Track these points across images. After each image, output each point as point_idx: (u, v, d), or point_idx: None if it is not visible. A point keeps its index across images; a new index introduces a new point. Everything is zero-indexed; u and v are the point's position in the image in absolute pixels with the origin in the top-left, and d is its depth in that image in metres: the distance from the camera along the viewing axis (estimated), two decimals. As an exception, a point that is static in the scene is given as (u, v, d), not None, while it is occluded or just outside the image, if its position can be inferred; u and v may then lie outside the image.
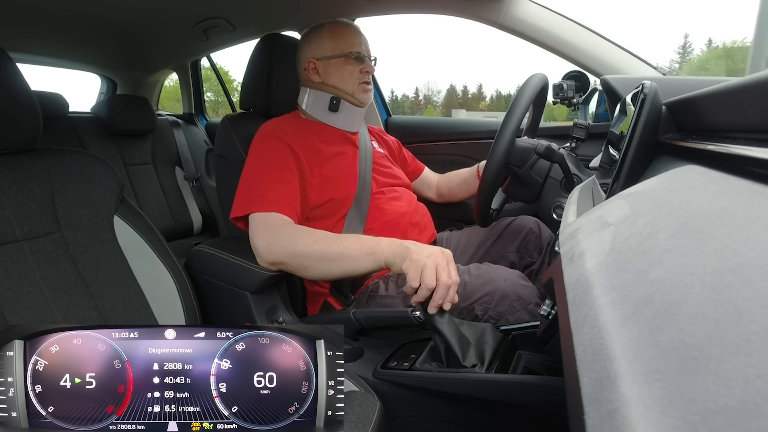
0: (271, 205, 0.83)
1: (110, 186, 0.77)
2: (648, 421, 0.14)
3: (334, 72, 0.98)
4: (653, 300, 0.19)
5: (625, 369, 0.17)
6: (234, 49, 1.73)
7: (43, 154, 0.73)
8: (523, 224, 1.04)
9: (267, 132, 0.93)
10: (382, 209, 0.97)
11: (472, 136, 1.47)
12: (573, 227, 0.38)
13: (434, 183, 1.28)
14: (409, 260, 0.67)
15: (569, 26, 1.13)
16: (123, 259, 0.75)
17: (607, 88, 1.04)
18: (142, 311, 0.74)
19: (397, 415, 0.73)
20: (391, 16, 1.32)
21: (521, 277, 0.84)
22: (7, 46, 0.70)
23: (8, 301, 0.63)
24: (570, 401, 0.20)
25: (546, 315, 0.54)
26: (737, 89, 0.33)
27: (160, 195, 1.91)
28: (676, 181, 0.32)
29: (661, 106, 0.49)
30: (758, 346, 0.13)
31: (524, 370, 0.65)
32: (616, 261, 0.25)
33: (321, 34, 0.99)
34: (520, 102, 0.83)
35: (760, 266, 0.16)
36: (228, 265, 0.85)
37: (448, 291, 0.66)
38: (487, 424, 0.69)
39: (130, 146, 1.87)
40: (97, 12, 1.30)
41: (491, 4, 1.13)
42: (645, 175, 0.47)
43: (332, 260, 0.74)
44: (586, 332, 0.21)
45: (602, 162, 0.67)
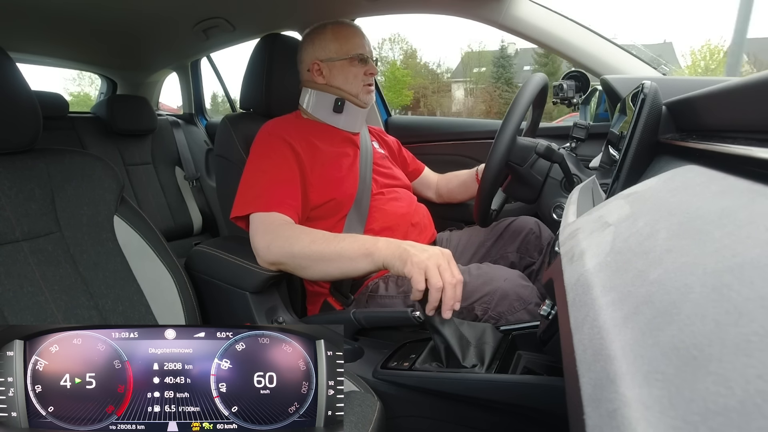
0: (272, 205, 0.83)
1: (110, 186, 0.77)
2: (648, 421, 0.14)
3: (339, 74, 0.98)
4: (653, 300, 0.19)
5: (625, 369, 0.17)
6: (234, 49, 1.73)
7: (43, 154, 0.73)
8: (523, 224, 1.04)
9: (268, 132, 0.93)
10: (382, 210, 0.97)
11: (472, 136, 1.47)
12: (573, 227, 0.38)
13: (434, 183, 1.28)
14: (411, 263, 0.66)
15: (569, 26, 1.13)
16: (123, 259, 0.75)
17: (607, 88, 1.04)
18: (142, 311, 0.74)
19: (397, 415, 0.73)
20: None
21: (521, 277, 0.84)
22: (7, 46, 0.70)
23: (8, 301, 0.63)
24: (570, 401, 0.20)
25: (546, 315, 0.54)
26: (737, 89, 0.33)
27: (160, 195, 1.91)
28: (676, 181, 0.32)
29: (661, 106, 0.49)
30: (758, 346, 0.13)
31: (524, 370, 0.65)
32: (616, 261, 0.25)
33: (324, 35, 0.99)
34: (520, 102, 0.83)
35: (760, 266, 0.16)
36: (228, 265, 0.85)
37: (455, 291, 0.65)
38: (487, 424, 0.69)
39: (130, 146, 1.87)
40: (97, 12, 1.30)
41: (491, 4, 1.13)
42: (645, 175, 0.47)
43: (330, 261, 0.74)
44: (586, 332, 0.21)
45: (602, 162, 0.67)
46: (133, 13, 1.33)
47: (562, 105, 1.12)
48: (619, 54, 1.12)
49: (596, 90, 1.11)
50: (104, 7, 1.26)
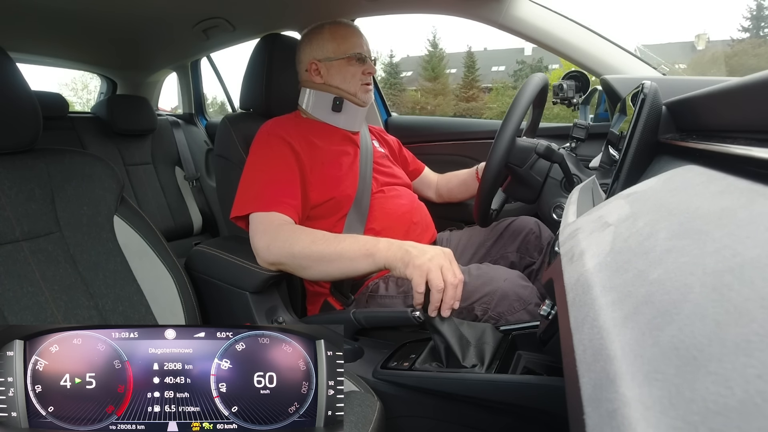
0: (272, 205, 0.83)
1: (110, 186, 0.77)
2: (648, 421, 0.14)
3: (336, 73, 0.98)
4: (653, 300, 0.19)
5: (625, 369, 0.17)
6: (234, 49, 1.73)
7: (43, 154, 0.73)
8: (523, 224, 1.04)
9: (268, 131, 0.93)
10: (383, 208, 0.97)
11: (472, 136, 1.47)
12: (573, 227, 0.38)
13: (434, 183, 1.28)
14: (413, 266, 0.67)
15: (569, 26, 1.13)
16: (123, 259, 0.75)
17: (607, 88, 1.04)
18: (142, 311, 0.74)
19: (397, 415, 0.73)
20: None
21: (521, 278, 0.84)
22: (7, 46, 0.70)
23: (8, 301, 0.63)
24: (570, 401, 0.20)
25: (546, 315, 0.54)
26: (737, 89, 0.33)
27: (160, 195, 1.91)
28: (676, 181, 0.32)
29: (661, 106, 0.49)
30: (758, 346, 0.13)
31: (524, 370, 0.65)
32: (616, 261, 0.25)
33: (322, 35, 0.99)
34: (520, 102, 0.83)
35: (760, 266, 0.16)
36: (228, 265, 0.85)
37: (456, 291, 0.66)
38: (487, 424, 0.69)
39: (130, 146, 1.87)
40: (97, 12, 1.30)
41: (491, 4, 1.13)
42: (645, 175, 0.47)
43: (330, 261, 0.74)
44: (586, 332, 0.21)
45: (602, 162, 0.67)
46: (133, 13, 1.33)
47: (562, 105, 1.12)
48: (619, 54, 1.12)
49: (596, 90, 1.11)
50: (104, 7, 1.26)
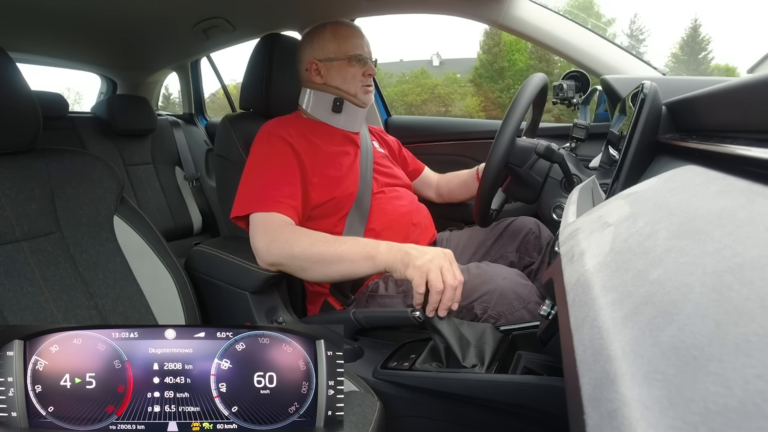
0: (272, 205, 0.83)
1: (110, 186, 0.77)
2: (648, 421, 0.14)
3: (336, 74, 0.98)
4: (653, 300, 0.19)
5: (625, 369, 0.17)
6: (233, 49, 1.73)
7: (43, 154, 0.73)
8: (523, 224, 1.04)
9: (268, 131, 0.93)
10: (383, 209, 0.97)
11: (472, 136, 1.47)
12: (573, 227, 0.38)
13: (434, 183, 1.28)
14: (413, 267, 0.67)
15: (569, 26, 1.13)
16: (123, 259, 0.75)
17: (607, 88, 1.04)
18: (142, 311, 0.74)
19: (397, 415, 0.73)
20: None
21: (520, 276, 0.84)
22: (7, 46, 0.70)
23: (8, 301, 0.63)
24: (570, 401, 0.20)
25: (546, 315, 0.54)
26: (737, 89, 0.33)
27: (160, 195, 1.91)
28: (676, 181, 0.32)
29: (660, 106, 0.49)
30: (758, 346, 0.13)
31: (524, 370, 0.65)
32: (616, 261, 0.25)
33: (323, 35, 0.99)
34: (520, 102, 0.83)
35: (760, 266, 0.16)
36: (228, 265, 0.85)
37: (455, 292, 0.66)
38: (487, 424, 0.69)
39: (130, 146, 1.87)
40: (96, 12, 1.30)
41: (491, 4, 1.13)
42: (645, 175, 0.47)
43: (330, 263, 0.74)
44: (586, 332, 0.21)
45: (602, 162, 0.67)
46: (133, 13, 1.33)
47: (562, 105, 1.12)
48: (619, 54, 1.12)
49: (596, 90, 1.11)
50: (104, 7, 1.26)
